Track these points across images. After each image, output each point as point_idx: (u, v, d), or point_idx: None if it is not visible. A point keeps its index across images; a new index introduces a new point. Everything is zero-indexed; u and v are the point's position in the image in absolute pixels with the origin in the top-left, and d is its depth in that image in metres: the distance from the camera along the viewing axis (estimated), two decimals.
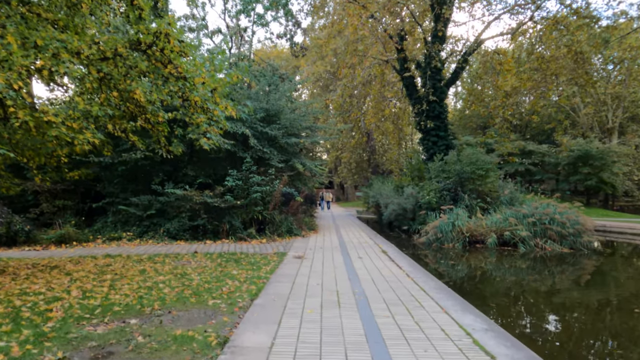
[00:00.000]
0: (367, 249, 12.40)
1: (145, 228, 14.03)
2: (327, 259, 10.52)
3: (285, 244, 13.54)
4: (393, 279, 8.20)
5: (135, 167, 14.52)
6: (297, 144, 16.80)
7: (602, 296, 9.35)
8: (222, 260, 10.23)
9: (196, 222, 13.73)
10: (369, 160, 41.12)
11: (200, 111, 8.46)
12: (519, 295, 9.44)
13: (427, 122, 22.35)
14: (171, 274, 8.47)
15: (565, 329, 7.19)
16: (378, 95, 25.96)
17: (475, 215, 18.49)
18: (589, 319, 7.66)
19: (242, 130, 15.23)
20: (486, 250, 16.02)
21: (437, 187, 20.47)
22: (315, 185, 22.32)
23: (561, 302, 8.82)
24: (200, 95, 8.22)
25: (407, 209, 21.22)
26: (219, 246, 12.90)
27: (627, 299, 8.96)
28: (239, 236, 13.95)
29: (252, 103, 17.14)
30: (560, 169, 34.22)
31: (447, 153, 22.23)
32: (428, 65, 22.16)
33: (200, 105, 8.39)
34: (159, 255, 11.09)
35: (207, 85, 8.31)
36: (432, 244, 17.01)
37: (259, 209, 14.42)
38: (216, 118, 8.65)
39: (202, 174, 15.69)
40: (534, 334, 6.77)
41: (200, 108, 8.46)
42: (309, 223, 17.16)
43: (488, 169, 20.26)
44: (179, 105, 8.55)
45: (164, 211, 14.26)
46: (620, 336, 6.72)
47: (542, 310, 8.24)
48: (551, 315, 7.92)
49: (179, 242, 13.52)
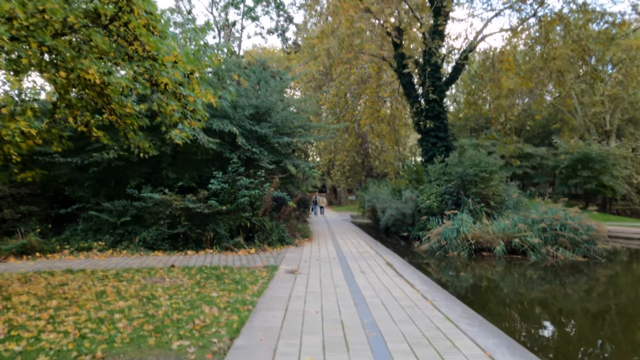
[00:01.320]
0: (369, 260, 10.78)
1: (119, 237, 12.30)
2: (325, 274, 8.88)
3: (276, 254, 11.88)
4: (408, 302, 6.58)
5: (109, 169, 12.80)
6: (289, 143, 15.18)
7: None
8: (202, 277, 8.55)
9: (176, 230, 12.03)
10: (363, 163, 39.55)
11: (171, 97, 6.80)
12: (555, 318, 7.86)
13: (426, 122, 20.82)
14: (136, 297, 6.78)
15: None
16: (373, 95, 24.43)
17: (480, 221, 16.99)
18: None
19: (229, 128, 13.58)
20: (494, 259, 14.53)
21: (438, 191, 18.95)
22: (309, 188, 20.71)
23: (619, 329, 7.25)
24: (171, 77, 6.57)
25: (406, 214, 19.68)
26: (201, 258, 11.21)
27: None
28: (224, 245, 12.27)
29: (241, 99, 15.51)
30: (559, 172, 33.01)
31: (448, 155, 20.74)
32: (428, 61, 20.66)
33: (171, 90, 6.73)
34: (129, 270, 9.38)
35: (180, 65, 6.66)
36: (436, 252, 15.47)
37: (247, 215, 12.76)
38: (192, 107, 6.99)
39: (185, 177, 14.00)
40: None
41: (171, 94, 6.80)
42: (303, 230, 15.50)
43: (492, 171, 18.80)
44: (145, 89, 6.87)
45: (141, 218, 12.55)
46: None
47: (594, 342, 6.67)
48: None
49: (156, 252, 11.81)
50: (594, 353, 6.20)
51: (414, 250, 16.41)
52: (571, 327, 7.49)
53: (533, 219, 16.10)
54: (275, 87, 15.92)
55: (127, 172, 13.04)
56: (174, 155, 15.42)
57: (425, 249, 15.86)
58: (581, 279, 11.61)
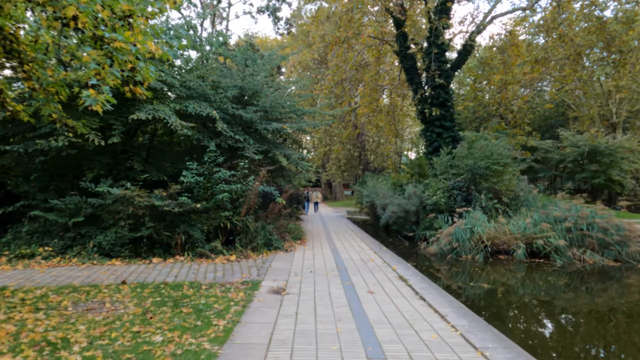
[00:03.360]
0: (375, 272, 8.40)
1: (70, 241, 9.85)
2: (322, 297, 6.50)
3: (261, 262, 9.48)
4: (445, 349, 4.23)
5: (59, 158, 10.34)
6: (279, 130, 12.75)
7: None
8: (154, 302, 6.14)
9: (139, 233, 9.59)
10: (360, 157, 37.12)
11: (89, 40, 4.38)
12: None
13: (431, 109, 18.43)
14: (36, 346, 4.38)
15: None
16: (372, 82, 21.99)
17: (495, 220, 14.70)
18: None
19: (208, 111, 11.15)
20: (514, 264, 12.32)
21: (446, 186, 16.63)
22: (302, 183, 18.31)
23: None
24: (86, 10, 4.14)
25: (409, 211, 17.35)
26: (167, 268, 8.80)
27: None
28: (198, 251, 9.86)
29: (224, 80, 13.07)
30: (565, 166, 30.82)
31: (455, 146, 18.41)
32: (434, 43, 18.26)
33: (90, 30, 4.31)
34: (65, 289, 6.96)
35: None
36: (447, 255, 13.20)
37: (227, 215, 10.35)
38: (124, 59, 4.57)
39: (154, 169, 11.57)
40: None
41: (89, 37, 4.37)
42: (294, 231, 13.08)
43: (505, 164, 16.50)
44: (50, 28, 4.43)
45: (97, 218, 10.11)
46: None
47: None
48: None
49: (113, 261, 9.37)
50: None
51: (421, 252, 14.14)
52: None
53: (556, 217, 13.84)
54: (263, 67, 13.47)
55: (82, 162, 10.58)
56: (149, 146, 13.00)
57: (434, 252, 13.59)
58: (626, 289, 9.35)
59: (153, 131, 14.51)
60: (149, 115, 10.04)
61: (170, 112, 10.43)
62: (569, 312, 7.80)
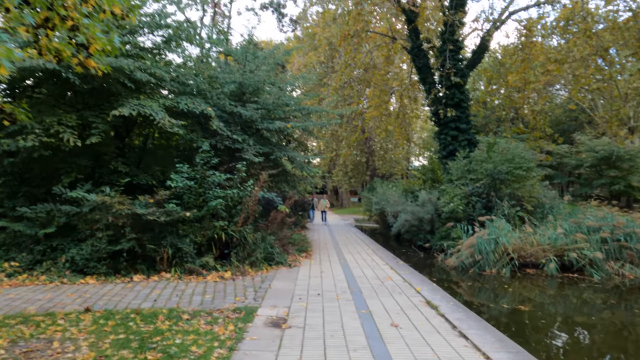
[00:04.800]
0: (396, 295, 6.85)
1: (40, 255, 8.38)
2: (333, 333, 4.96)
3: (259, 281, 7.96)
4: None
5: (31, 161, 8.92)
6: (282, 130, 11.29)
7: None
8: (115, 342, 4.64)
9: (119, 246, 8.10)
10: (367, 163, 35.52)
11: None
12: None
13: (446, 110, 16.91)
14: None
15: None
16: (381, 83, 20.52)
17: (520, 229, 13.13)
18: None
19: (203, 108, 9.71)
20: (545, 279, 10.79)
21: (463, 192, 15.07)
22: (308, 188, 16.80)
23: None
24: None
25: (423, 220, 15.80)
26: (148, 288, 7.30)
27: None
28: (188, 267, 8.35)
29: (222, 76, 11.67)
30: (581, 172, 29.12)
31: (471, 150, 16.87)
32: (448, 39, 16.79)
33: None
34: (15, 317, 5.49)
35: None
36: (469, 269, 11.63)
37: (222, 225, 8.85)
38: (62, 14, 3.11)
39: (143, 172, 10.14)
40: None
41: None
42: (299, 242, 11.53)
43: (528, 168, 14.94)
44: None
45: (73, 228, 8.65)
46: None
47: None
48: None
49: (87, 279, 7.89)
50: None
51: (439, 265, 12.60)
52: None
53: (589, 226, 12.26)
54: (264, 60, 12.03)
55: (58, 165, 9.14)
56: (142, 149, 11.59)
57: (454, 265, 12.02)
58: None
59: (147, 134, 13.16)
60: (132, 111, 8.61)
61: (159, 109, 8.99)
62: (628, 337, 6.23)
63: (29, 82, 9.70)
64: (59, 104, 9.33)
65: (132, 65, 8.60)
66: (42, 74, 8.83)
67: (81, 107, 9.46)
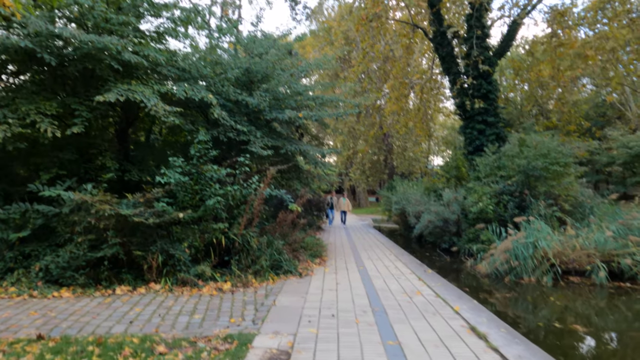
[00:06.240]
0: (430, 317, 5.38)
1: (12, 262, 7.14)
2: None
3: (263, 295, 6.57)
4: None
5: (6, 155, 7.71)
6: (293, 120, 9.89)
7: None
8: None
9: (100, 253, 6.81)
10: (385, 161, 33.88)
11: None
12: None
13: (473, 101, 15.33)
14: None
15: None
16: (401, 75, 18.97)
17: (559, 231, 11.54)
18: None
19: (202, 94, 8.40)
20: (594, 289, 9.25)
21: (493, 190, 13.48)
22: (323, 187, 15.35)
23: None
24: None
25: (449, 221, 14.27)
26: (128, 304, 5.97)
27: None
28: (181, 278, 7.02)
29: (227, 60, 10.36)
30: (613, 170, 27.10)
31: (500, 145, 15.24)
32: (475, 24, 15.20)
33: None
34: None
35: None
36: (504, 276, 10.10)
37: (221, 227, 7.48)
38: None
39: (135, 168, 8.87)
40: None
41: None
42: (313, 246, 10.06)
43: (566, 164, 13.29)
44: None
45: (52, 232, 7.41)
46: None
47: None
48: None
49: (62, 291, 6.61)
50: None
51: (468, 270, 11.09)
52: None
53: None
54: (274, 43, 10.66)
55: (37, 160, 7.92)
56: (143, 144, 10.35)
57: (487, 271, 10.47)
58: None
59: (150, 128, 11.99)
60: (120, 96, 7.33)
61: (152, 95, 7.70)
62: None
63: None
64: (39, 90, 8.10)
65: (118, 42, 7.30)
66: (16, 55, 7.61)
67: (65, 95, 8.23)
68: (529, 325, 6.51)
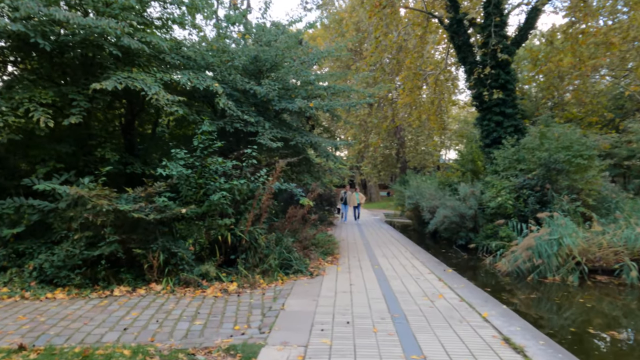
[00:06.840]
0: (457, 326, 4.79)
1: (6, 261, 6.69)
2: None
3: (271, 298, 6.02)
4: None
5: (0, 147, 7.24)
6: (304, 111, 9.29)
7: None
8: None
9: (98, 251, 6.32)
10: (398, 155, 33.13)
11: None
12: None
13: (491, 92, 14.60)
14: None
15: None
16: (415, 66, 18.26)
17: (584, 227, 10.86)
18: None
19: (207, 83, 7.84)
20: (624, 289, 8.68)
21: (512, 184, 12.81)
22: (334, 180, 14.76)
23: None
24: None
25: (465, 216, 13.61)
26: (125, 308, 5.47)
27: None
28: (184, 278, 6.51)
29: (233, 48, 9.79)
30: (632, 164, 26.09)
31: (519, 137, 14.50)
32: (494, 11, 14.44)
33: None
34: None
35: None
36: (527, 275, 9.47)
37: (227, 224, 6.95)
38: None
39: (139, 161, 8.38)
40: None
41: None
42: (324, 243, 9.49)
43: (590, 157, 12.57)
44: None
45: (48, 228, 6.94)
46: None
47: None
48: None
49: (57, 292, 6.14)
50: None
51: (487, 268, 10.45)
52: None
53: None
54: (284, 29, 10.07)
55: (34, 152, 7.45)
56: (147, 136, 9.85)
57: (507, 270, 9.83)
58: None
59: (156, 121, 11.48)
60: (119, 84, 6.80)
61: (153, 83, 7.16)
62: None
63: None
64: (37, 79, 7.61)
65: (117, 26, 6.76)
66: (9, 40, 7.12)
67: (62, 83, 7.74)
68: (562, 332, 5.89)
